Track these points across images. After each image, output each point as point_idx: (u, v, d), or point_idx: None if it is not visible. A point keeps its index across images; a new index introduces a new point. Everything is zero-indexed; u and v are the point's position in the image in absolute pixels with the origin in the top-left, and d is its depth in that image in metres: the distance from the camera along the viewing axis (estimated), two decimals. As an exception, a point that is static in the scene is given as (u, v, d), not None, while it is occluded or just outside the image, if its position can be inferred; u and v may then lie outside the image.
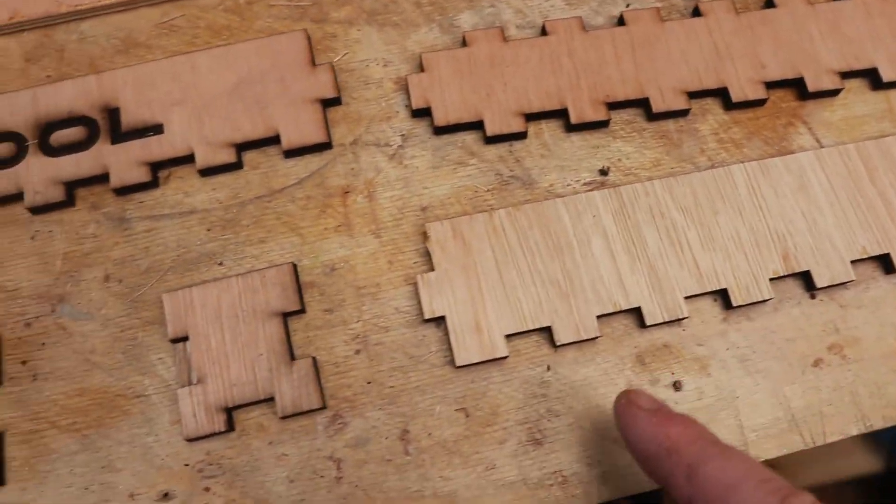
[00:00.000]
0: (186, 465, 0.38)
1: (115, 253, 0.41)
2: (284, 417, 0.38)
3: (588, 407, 0.39)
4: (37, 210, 0.42)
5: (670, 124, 0.43)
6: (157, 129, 0.42)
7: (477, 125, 0.42)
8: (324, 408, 0.38)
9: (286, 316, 0.39)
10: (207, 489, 0.38)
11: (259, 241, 0.41)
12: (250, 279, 0.39)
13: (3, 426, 0.39)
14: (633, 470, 0.38)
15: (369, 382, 0.39)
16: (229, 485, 0.38)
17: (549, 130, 0.43)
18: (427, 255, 0.41)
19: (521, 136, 0.42)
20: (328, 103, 0.43)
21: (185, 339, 0.39)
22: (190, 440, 0.38)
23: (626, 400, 0.32)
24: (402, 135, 0.43)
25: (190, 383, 0.39)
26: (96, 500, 0.38)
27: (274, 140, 0.42)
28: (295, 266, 0.40)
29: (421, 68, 0.43)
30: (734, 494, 0.27)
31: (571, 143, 0.43)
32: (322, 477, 0.38)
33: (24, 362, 0.40)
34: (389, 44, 0.45)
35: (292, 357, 0.39)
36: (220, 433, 0.38)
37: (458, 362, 0.38)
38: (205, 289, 0.39)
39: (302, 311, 0.39)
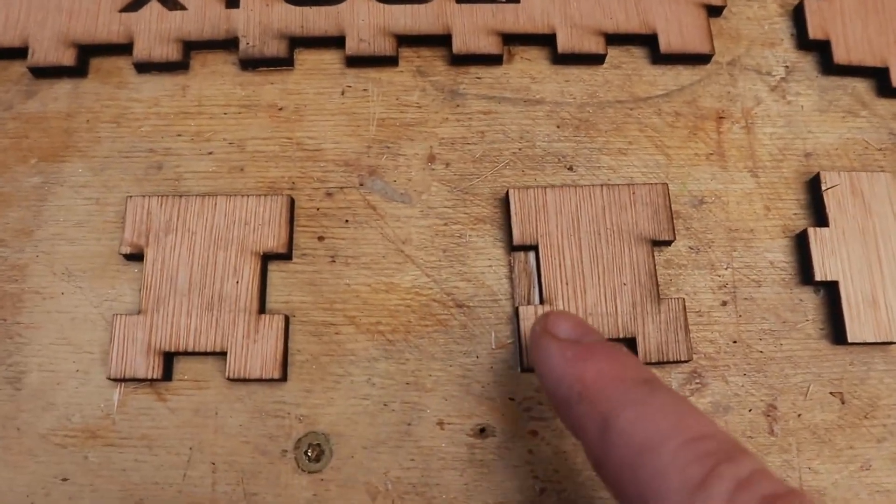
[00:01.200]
0: (511, 398, 0.31)
1: (444, 130, 0.34)
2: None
3: (984, 419, 0.33)
4: (354, 61, 0.34)
5: None
6: (512, -4, 0.35)
7: (874, 72, 0.36)
8: (687, 361, 0.31)
9: (654, 245, 0.32)
10: (534, 433, 0.31)
11: (618, 151, 0.34)
12: (618, 193, 0.32)
13: (290, 310, 0.31)
14: None
15: (735, 342, 0.32)
16: (561, 433, 0.31)
17: (951, 96, 0.37)
18: (809, 208, 0.34)
19: (923, 95, 0.36)
20: (711, 11, 0.36)
21: (531, 248, 0.32)
22: (524, 371, 0.31)
23: (542, 326, 0.25)
24: (786, 66, 0.36)
25: (531, 302, 0.32)
26: (397, 421, 0.30)
27: (645, 39, 0.35)
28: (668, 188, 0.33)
29: (818, -6, 0.37)
30: (649, 459, 0.20)
31: (974, 116, 0.37)
32: (672, 443, 0.31)
33: (321, 238, 0.32)
34: (773, -39, 0.38)
35: (659, 294, 0.32)
36: (563, 368, 0.31)
37: (851, 338, 0.32)
38: (561, 193, 0.32)
39: (669, 241, 0.32)
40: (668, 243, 0.32)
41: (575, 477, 0.30)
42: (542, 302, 0.31)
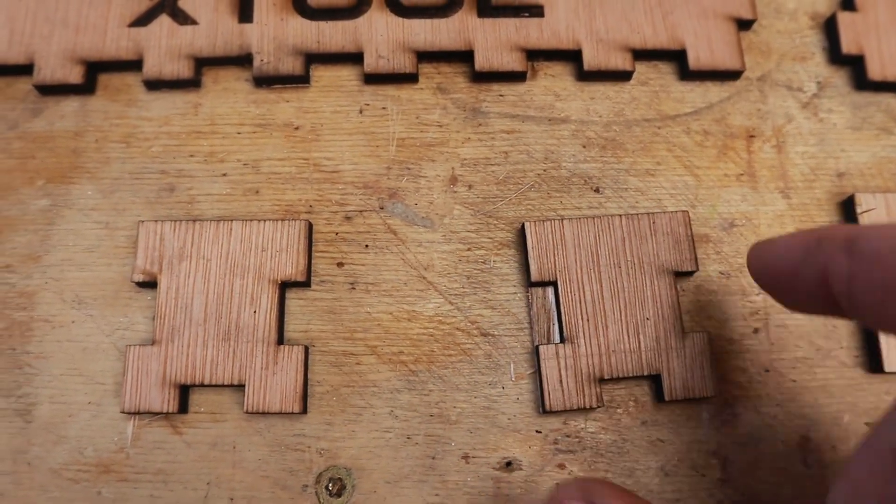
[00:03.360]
0: (538, 431, 0.30)
1: (466, 151, 0.33)
2: (669, 402, 0.30)
3: None
4: (372, 78, 0.33)
5: None
6: (535, 10, 0.34)
7: (908, 88, 0.35)
8: (711, 397, 0.30)
9: (677, 276, 0.31)
10: (562, 466, 0.30)
11: (646, 172, 0.33)
12: (637, 222, 0.31)
13: (309, 340, 0.30)
14: None
15: (767, 371, 0.31)
16: (589, 465, 0.30)
17: None
18: (842, 230, 0.33)
19: (959, 111, 0.35)
20: (740, 25, 0.34)
21: (549, 283, 0.31)
22: (546, 413, 0.30)
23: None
24: (818, 81, 0.35)
25: (550, 340, 0.31)
26: (420, 455, 0.29)
27: (673, 55, 0.34)
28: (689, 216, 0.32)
29: (851, 6, 0.35)
30: None
31: None
32: (703, 475, 0.30)
33: (340, 264, 0.31)
34: (804, -29, 0.37)
35: (683, 328, 0.31)
36: (590, 409, 0.30)
37: (888, 367, 0.31)
38: (579, 224, 0.31)
39: (692, 272, 0.31)
40: (690, 274, 0.31)
41: (603, 512, 0.29)
42: (562, 340, 0.30)
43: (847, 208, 0.33)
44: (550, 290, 0.31)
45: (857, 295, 0.20)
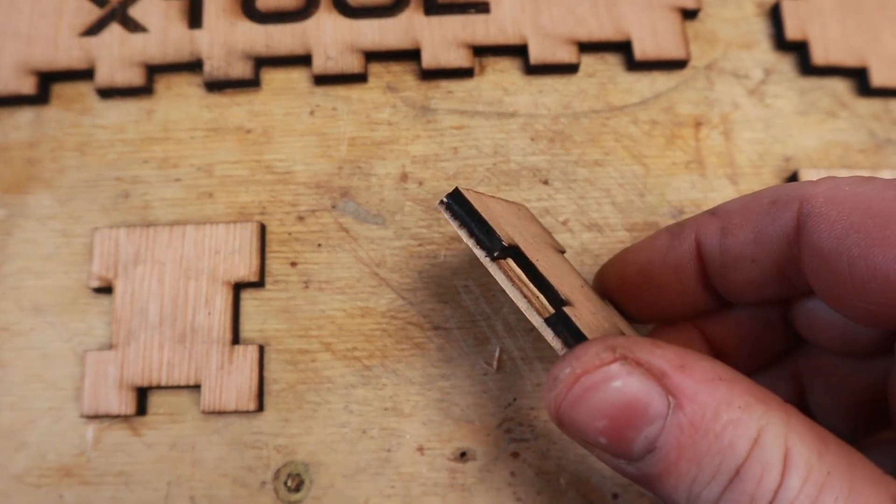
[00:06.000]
0: (492, 421, 0.31)
1: (416, 148, 0.33)
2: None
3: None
4: (322, 80, 0.33)
5: None
6: (481, 6, 0.34)
7: (853, 72, 0.35)
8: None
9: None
10: (516, 455, 0.30)
11: (594, 162, 0.33)
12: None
13: (265, 339, 0.31)
14: None
15: (718, 355, 0.32)
16: (543, 454, 0.30)
17: (933, 93, 0.36)
18: (790, 214, 0.33)
19: (903, 93, 0.35)
20: (685, 15, 0.35)
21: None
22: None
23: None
24: (765, 68, 0.35)
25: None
26: (375, 448, 0.30)
27: (619, 46, 0.34)
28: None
29: (795, -7, 0.36)
30: None
31: (956, 113, 0.36)
32: (656, 461, 0.31)
33: (293, 264, 0.32)
34: (749, -41, 0.37)
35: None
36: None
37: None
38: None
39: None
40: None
41: (558, 498, 0.30)
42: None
43: (794, 192, 0.33)
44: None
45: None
